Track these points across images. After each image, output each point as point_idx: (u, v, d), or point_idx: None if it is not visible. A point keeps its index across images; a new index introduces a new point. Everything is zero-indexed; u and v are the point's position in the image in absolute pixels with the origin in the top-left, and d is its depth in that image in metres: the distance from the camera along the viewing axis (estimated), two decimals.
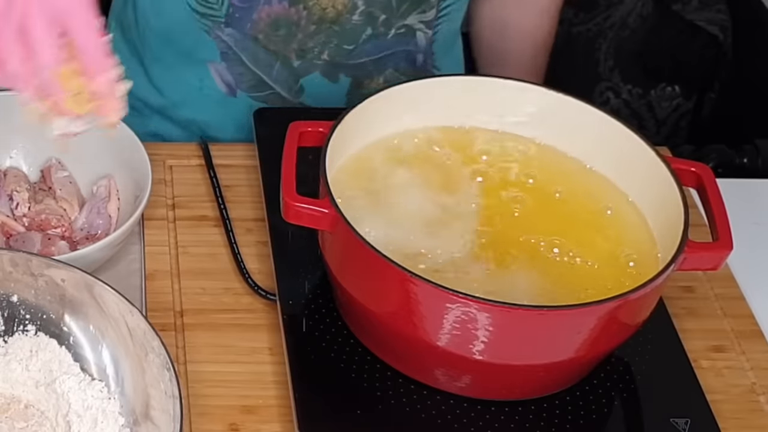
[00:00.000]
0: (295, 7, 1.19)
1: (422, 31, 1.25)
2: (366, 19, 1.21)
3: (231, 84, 1.27)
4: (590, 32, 2.08)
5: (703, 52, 2.01)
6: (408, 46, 1.26)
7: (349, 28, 1.22)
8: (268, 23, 1.21)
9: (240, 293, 1.04)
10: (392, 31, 1.24)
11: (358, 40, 1.23)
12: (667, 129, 2.05)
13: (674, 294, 1.06)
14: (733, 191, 1.03)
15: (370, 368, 0.94)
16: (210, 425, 0.93)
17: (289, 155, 0.93)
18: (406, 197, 0.97)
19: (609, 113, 1.00)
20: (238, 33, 1.22)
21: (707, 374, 1.00)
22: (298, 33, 1.21)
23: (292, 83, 1.26)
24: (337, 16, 1.20)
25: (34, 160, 1.12)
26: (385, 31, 1.23)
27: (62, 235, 1.05)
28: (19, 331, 0.92)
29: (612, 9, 2.07)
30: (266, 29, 1.21)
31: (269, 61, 1.24)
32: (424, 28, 1.25)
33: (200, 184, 1.15)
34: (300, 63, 1.24)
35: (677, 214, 0.92)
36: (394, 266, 0.85)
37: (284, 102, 1.27)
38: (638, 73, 2.04)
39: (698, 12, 2.01)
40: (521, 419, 0.92)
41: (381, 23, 1.22)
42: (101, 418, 0.88)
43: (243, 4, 1.20)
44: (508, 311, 0.84)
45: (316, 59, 1.24)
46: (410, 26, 1.24)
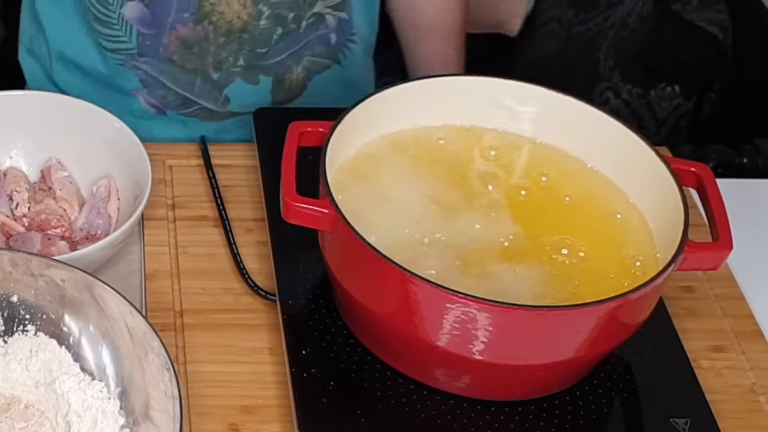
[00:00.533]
0: (201, 25, 1.21)
1: (330, 14, 1.26)
2: (274, 21, 1.23)
3: (158, 105, 1.28)
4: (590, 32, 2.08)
5: (703, 52, 2.01)
6: (319, 31, 1.27)
7: (259, 34, 1.23)
8: (178, 45, 1.23)
9: (240, 293, 1.04)
10: (303, 23, 1.25)
11: (271, 42, 1.24)
12: (667, 129, 2.05)
13: (674, 294, 1.06)
14: (733, 191, 1.03)
15: (370, 368, 0.94)
16: (210, 425, 0.93)
17: (289, 155, 0.93)
18: (407, 197, 0.97)
19: (609, 113, 1.00)
20: (153, 59, 1.24)
21: (707, 374, 1.00)
22: (209, 47, 1.23)
23: (217, 95, 1.27)
24: (244, 25, 1.21)
25: (34, 160, 1.12)
26: (296, 27, 1.25)
27: (62, 235, 1.05)
28: (19, 331, 0.92)
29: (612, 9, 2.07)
30: (179, 50, 1.23)
31: (189, 79, 1.26)
32: (332, 11, 1.26)
33: (200, 184, 1.15)
34: (219, 75, 1.26)
35: (677, 214, 0.92)
36: (394, 266, 0.85)
37: (212, 115, 1.28)
38: (638, 73, 2.04)
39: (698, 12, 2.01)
40: (521, 419, 0.92)
41: (291, 20, 1.24)
42: (101, 418, 0.88)
43: (150, 30, 1.22)
44: (508, 311, 0.84)
45: (233, 67, 1.25)
46: (319, 13, 1.26)
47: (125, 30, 1.22)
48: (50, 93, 1.14)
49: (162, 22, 1.21)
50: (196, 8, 1.20)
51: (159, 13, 1.21)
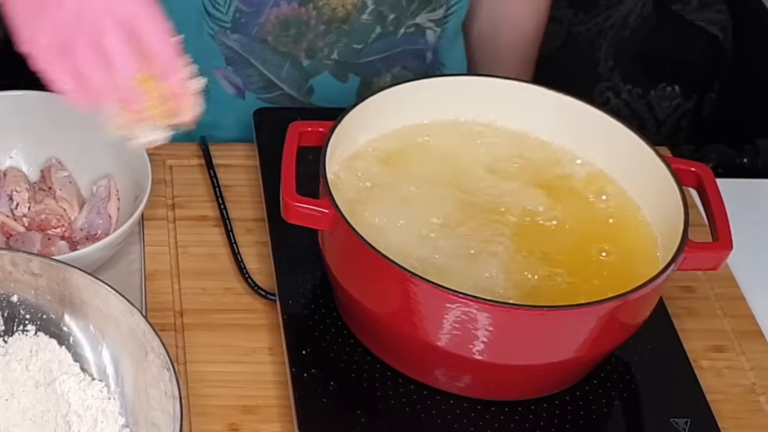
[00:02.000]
0: (305, 7, 1.19)
1: (432, 29, 1.26)
2: (375, 18, 1.22)
3: (239, 86, 1.27)
4: (590, 32, 2.08)
5: (703, 52, 2.01)
6: (417, 45, 1.26)
7: (359, 28, 1.22)
8: (276, 24, 1.21)
9: (240, 293, 1.04)
10: (402, 30, 1.24)
11: (368, 40, 1.23)
12: (667, 129, 2.05)
13: (674, 294, 1.06)
14: (733, 191, 1.03)
15: (370, 368, 0.94)
16: (210, 425, 0.93)
17: (289, 155, 0.93)
18: (407, 196, 0.97)
19: (609, 113, 1.00)
20: (245, 37, 1.22)
21: (707, 374, 1.00)
22: (308, 33, 1.21)
23: (302, 83, 1.26)
24: (347, 15, 1.20)
25: (34, 160, 1.12)
26: (394, 30, 1.23)
27: (62, 235, 1.05)
28: (19, 331, 0.92)
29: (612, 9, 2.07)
30: (275, 30, 1.21)
31: (278, 62, 1.24)
32: (434, 26, 1.26)
33: (200, 184, 1.15)
34: (310, 63, 1.24)
35: (677, 214, 0.92)
36: (394, 266, 0.85)
37: (294, 102, 1.27)
38: (638, 73, 2.04)
39: (698, 12, 2.01)
40: (521, 419, 0.92)
41: (390, 22, 1.23)
42: (101, 418, 0.88)
43: (249, 8, 1.20)
44: (508, 311, 0.84)
45: (326, 59, 1.24)
46: (420, 25, 1.25)
47: (225, 2, 1.20)
48: (50, 93, 1.14)
49: None
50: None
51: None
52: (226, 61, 1.24)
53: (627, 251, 0.95)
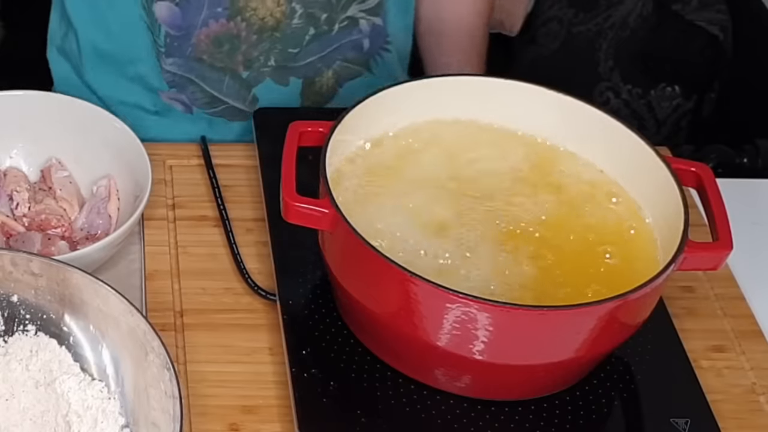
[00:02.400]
0: (233, 21, 1.20)
1: (365, 19, 1.26)
2: (307, 21, 1.22)
3: (186, 103, 1.28)
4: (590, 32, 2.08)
5: (703, 52, 2.02)
6: (352, 36, 1.26)
7: (291, 33, 1.22)
8: (209, 43, 1.22)
9: (240, 293, 1.04)
10: (336, 26, 1.24)
11: (303, 42, 1.24)
12: (667, 129, 2.05)
13: (674, 294, 1.06)
14: (733, 191, 1.03)
15: (370, 368, 0.94)
16: (210, 425, 0.93)
17: (289, 155, 0.93)
18: (408, 196, 0.97)
19: (609, 113, 1.00)
20: (181, 59, 1.23)
21: (707, 374, 1.00)
22: (241, 45, 1.22)
23: (245, 94, 1.27)
24: (277, 23, 1.21)
25: (34, 160, 1.12)
26: (328, 29, 1.24)
27: (62, 235, 1.05)
28: (19, 331, 0.92)
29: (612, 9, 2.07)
30: (209, 49, 1.22)
31: (218, 77, 1.25)
32: (366, 15, 1.26)
33: (200, 184, 1.15)
34: (249, 73, 1.25)
35: (677, 214, 0.92)
36: (394, 266, 0.85)
37: (240, 114, 1.28)
38: (638, 73, 2.04)
39: (698, 12, 2.02)
40: (521, 419, 0.92)
41: (323, 22, 1.23)
42: (101, 418, 0.88)
43: (179, 32, 1.21)
44: (508, 311, 0.84)
45: (264, 67, 1.25)
46: (353, 17, 1.25)
47: (154, 30, 1.21)
48: (50, 93, 1.14)
49: (193, 21, 1.20)
50: (229, 4, 1.19)
51: (190, 12, 1.19)
52: (168, 84, 1.25)
53: (627, 251, 0.95)
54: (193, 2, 1.19)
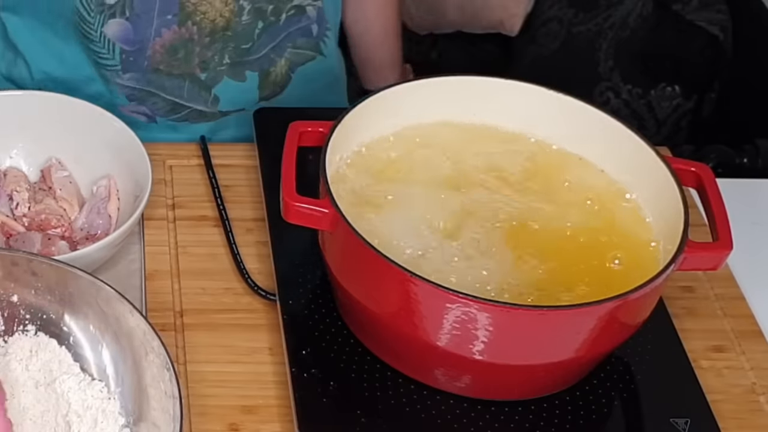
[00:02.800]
0: (185, 27, 1.21)
1: (310, 5, 1.27)
2: (255, 16, 1.23)
3: (148, 114, 1.28)
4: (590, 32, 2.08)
5: (703, 52, 2.01)
6: (301, 23, 1.28)
7: (242, 30, 1.24)
8: (163, 53, 1.23)
9: (240, 293, 1.04)
10: (283, 15, 1.26)
11: (253, 37, 1.25)
12: (667, 129, 2.05)
13: (674, 294, 1.07)
14: (733, 191, 1.03)
15: (370, 368, 0.94)
16: (210, 425, 0.93)
17: (289, 155, 0.93)
18: (407, 196, 0.97)
19: (609, 113, 1.00)
20: (138, 73, 1.24)
21: (707, 374, 1.00)
22: (195, 48, 1.23)
23: (206, 96, 1.27)
24: (227, 22, 1.22)
25: (34, 160, 1.12)
26: (275, 19, 1.25)
27: (62, 235, 1.05)
28: (19, 331, 0.92)
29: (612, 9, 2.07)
30: (165, 58, 1.23)
31: (177, 84, 1.26)
32: (312, 1, 1.27)
33: (200, 184, 1.15)
34: (207, 75, 1.26)
35: (677, 214, 0.92)
36: (394, 266, 0.85)
37: (203, 116, 1.28)
38: (638, 73, 2.04)
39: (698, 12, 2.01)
40: (521, 419, 0.92)
41: (270, 13, 1.24)
42: (101, 418, 0.88)
43: (133, 47, 1.22)
44: (508, 311, 0.84)
45: (220, 66, 1.26)
46: (299, 5, 1.26)
47: (108, 48, 1.22)
48: (50, 93, 1.14)
49: (145, 33, 1.21)
50: (179, 9, 1.20)
51: (141, 25, 1.20)
52: (127, 98, 1.26)
53: (627, 251, 0.95)
54: (143, 15, 1.20)
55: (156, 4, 1.19)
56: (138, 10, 1.19)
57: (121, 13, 1.20)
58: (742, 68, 2.02)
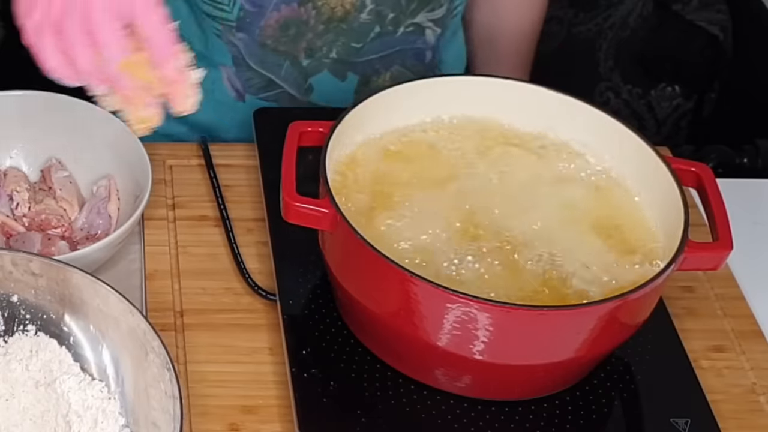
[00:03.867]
0: (304, 7, 1.20)
1: (431, 29, 1.26)
2: (374, 18, 1.22)
3: (239, 89, 1.27)
4: (590, 32, 2.08)
5: (703, 52, 2.01)
6: (416, 44, 1.27)
7: (357, 27, 1.22)
8: (276, 28, 1.21)
9: (240, 293, 1.04)
10: (401, 29, 1.24)
11: (367, 39, 1.24)
12: (667, 129, 2.05)
13: (674, 294, 1.07)
14: (733, 191, 1.03)
15: (370, 368, 0.94)
16: (210, 425, 0.93)
17: (289, 155, 0.93)
18: (408, 196, 0.97)
19: (609, 113, 1.00)
20: (248, 37, 1.23)
21: (707, 374, 1.00)
22: (307, 32, 1.22)
23: (302, 82, 1.26)
24: (346, 14, 1.21)
25: (34, 160, 1.12)
26: (393, 30, 1.24)
27: (62, 235, 1.05)
28: (20, 331, 0.92)
29: (612, 9, 2.07)
30: (275, 33, 1.22)
31: (278, 62, 1.25)
32: (433, 26, 1.26)
33: (200, 184, 1.15)
34: (309, 62, 1.25)
35: (677, 214, 0.92)
36: (394, 266, 0.85)
37: (293, 101, 1.28)
38: (638, 73, 2.04)
39: (698, 12, 2.02)
40: (521, 419, 0.92)
41: (389, 22, 1.23)
42: (101, 418, 0.88)
43: (254, 8, 1.21)
44: (508, 311, 0.84)
45: (325, 58, 1.25)
46: (419, 24, 1.25)
47: (230, 1, 1.21)
48: (50, 93, 1.14)
49: (266, 1, 1.20)
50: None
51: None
52: (232, 59, 1.25)
53: (627, 251, 0.95)
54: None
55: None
56: None
57: None
58: (742, 68, 2.02)
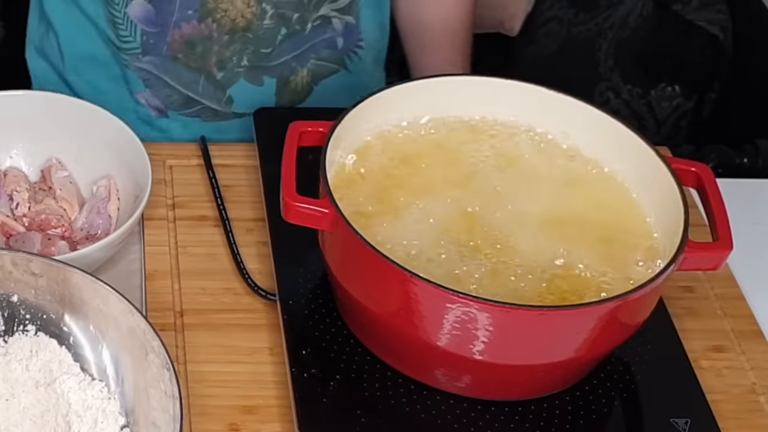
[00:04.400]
0: (204, 23, 1.21)
1: (337, 17, 1.26)
2: (278, 21, 1.23)
3: (160, 107, 1.29)
4: (590, 32, 2.08)
5: (703, 52, 2.02)
6: (326, 35, 1.27)
7: (263, 33, 1.23)
8: (182, 43, 1.23)
9: (240, 293, 1.04)
10: (308, 25, 1.25)
11: (275, 42, 1.24)
12: (667, 129, 2.05)
13: (674, 294, 1.07)
14: (733, 191, 1.03)
15: (370, 368, 0.94)
16: (210, 425, 0.93)
17: (289, 155, 0.93)
18: (408, 195, 0.97)
19: (609, 113, 1.00)
20: (157, 58, 1.24)
21: (707, 374, 1.00)
22: (213, 46, 1.23)
23: (220, 95, 1.27)
24: (248, 24, 1.22)
25: (34, 160, 1.12)
26: (301, 28, 1.24)
27: (62, 235, 1.05)
28: (20, 331, 0.92)
29: (612, 9, 2.07)
30: (183, 48, 1.23)
31: (193, 78, 1.26)
32: (339, 15, 1.26)
33: (200, 184, 1.15)
34: (223, 74, 1.26)
35: (677, 214, 0.92)
36: (394, 266, 0.85)
37: (216, 115, 1.28)
38: (638, 73, 2.04)
39: (698, 12, 2.02)
40: (521, 419, 0.92)
41: (295, 21, 1.24)
42: (101, 418, 0.88)
43: (154, 29, 1.22)
44: (508, 311, 0.84)
45: (237, 67, 1.25)
46: (325, 16, 1.26)
47: (130, 30, 1.22)
48: (50, 93, 1.14)
49: (166, 20, 1.21)
50: (200, 5, 1.19)
51: (163, 11, 1.21)
52: (144, 83, 1.26)
53: (627, 251, 0.95)
54: (165, 3, 1.20)
55: None
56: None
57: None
58: (742, 68, 2.02)
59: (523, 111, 1.03)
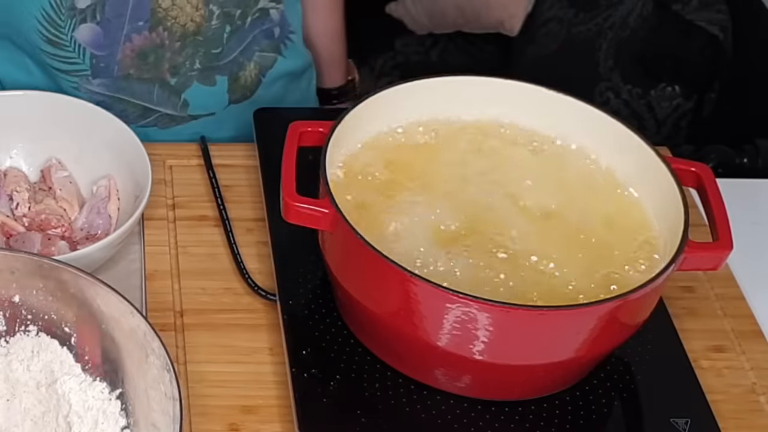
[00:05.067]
0: (155, 32, 1.21)
1: (274, 8, 1.28)
2: (224, 20, 1.24)
3: None
4: (590, 32, 2.08)
5: (703, 52, 2.02)
6: (264, 26, 1.29)
7: (212, 35, 1.24)
8: (134, 58, 1.22)
9: (240, 293, 1.05)
10: (248, 19, 1.26)
11: (223, 42, 1.25)
12: (667, 129, 2.05)
13: (674, 294, 1.07)
14: (733, 191, 1.03)
15: (370, 368, 0.94)
16: (210, 425, 0.93)
17: (289, 155, 0.93)
18: (408, 196, 0.97)
19: (609, 113, 1.00)
20: (108, 79, 1.24)
21: (707, 374, 1.00)
22: (165, 53, 1.23)
23: (176, 101, 1.27)
24: (198, 27, 1.22)
25: (34, 160, 1.12)
26: (242, 23, 1.26)
27: (62, 235, 1.05)
28: (21, 332, 0.92)
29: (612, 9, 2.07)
30: (135, 63, 1.23)
31: (147, 89, 1.25)
32: (275, 5, 1.28)
33: (200, 184, 1.15)
34: (177, 80, 1.26)
35: (677, 214, 0.92)
36: (394, 266, 0.85)
37: (172, 120, 1.28)
38: (638, 73, 2.04)
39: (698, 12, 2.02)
40: (521, 419, 0.92)
41: (238, 17, 1.25)
42: (102, 419, 0.88)
43: (103, 52, 1.21)
44: (508, 311, 0.84)
45: (190, 71, 1.26)
46: (263, 8, 1.27)
47: (78, 52, 1.21)
48: (50, 93, 1.14)
49: (115, 37, 1.20)
50: (150, 15, 1.19)
51: (112, 30, 1.20)
52: (97, 105, 1.25)
53: (626, 250, 0.95)
54: (114, 20, 1.20)
55: (127, 10, 1.19)
56: (109, 14, 1.19)
57: (92, 17, 1.19)
58: (742, 68, 2.02)
59: (522, 111, 1.03)
